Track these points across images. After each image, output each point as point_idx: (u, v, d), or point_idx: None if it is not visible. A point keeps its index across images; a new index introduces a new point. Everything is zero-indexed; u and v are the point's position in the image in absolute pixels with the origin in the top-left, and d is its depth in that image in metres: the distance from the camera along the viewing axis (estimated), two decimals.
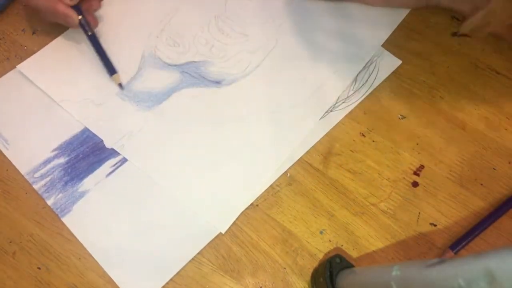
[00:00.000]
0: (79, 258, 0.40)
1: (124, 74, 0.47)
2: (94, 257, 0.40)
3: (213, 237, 0.41)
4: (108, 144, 0.44)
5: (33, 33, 0.50)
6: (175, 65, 0.48)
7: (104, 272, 0.40)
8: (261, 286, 0.40)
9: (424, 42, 0.51)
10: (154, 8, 0.51)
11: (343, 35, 0.50)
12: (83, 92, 0.46)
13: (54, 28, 0.49)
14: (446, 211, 0.42)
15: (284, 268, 0.40)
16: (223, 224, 0.41)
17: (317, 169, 0.44)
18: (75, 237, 0.41)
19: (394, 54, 0.50)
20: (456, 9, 0.50)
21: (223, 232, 0.41)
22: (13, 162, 0.43)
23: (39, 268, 0.40)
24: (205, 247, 0.41)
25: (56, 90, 0.46)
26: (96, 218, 0.41)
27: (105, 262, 0.40)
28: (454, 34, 0.51)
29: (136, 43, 0.49)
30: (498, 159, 0.45)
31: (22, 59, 0.48)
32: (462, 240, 0.41)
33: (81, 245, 0.40)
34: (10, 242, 0.41)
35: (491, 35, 0.50)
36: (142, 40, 0.49)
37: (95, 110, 0.45)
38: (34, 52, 0.48)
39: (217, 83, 0.47)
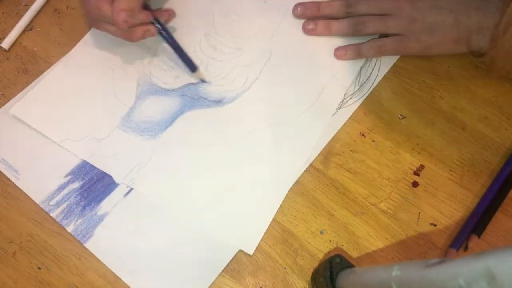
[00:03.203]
0: (79, 258, 0.40)
1: (121, 106, 0.46)
2: (124, 280, 0.39)
3: (235, 253, 0.40)
4: (118, 179, 0.43)
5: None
6: (173, 90, 0.47)
7: (104, 272, 0.40)
8: (261, 286, 0.40)
9: None
10: None
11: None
12: (83, 129, 0.45)
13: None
14: (446, 211, 0.42)
15: (284, 268, 0.40)
16: (251, 246, 0.40)
17: (317, 169, 0.44)
18: (75, 238, 0.41)
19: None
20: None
21: (251, 254, 0.40)
22: (26, 192, 0.42)
23: (39, 268, 0.40)
24: None
25: (54, 130, 0.45)
26: (119, 240, 0.41)
27: (136, 285, 0.39)
28: None
29: (129, 71, 0.48)
30: (498, 159, 0.45)
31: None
32: (461, 236, 0.41)
33: (81, 245, 0.40)
34: (10, 242, 0.41)
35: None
36: (135, 68, 0.48)
37: (99, 146, 0.44)
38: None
39: (219, 102, 0.47)
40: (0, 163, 0.43)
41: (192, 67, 0.46)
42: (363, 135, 0.46)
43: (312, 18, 0.50)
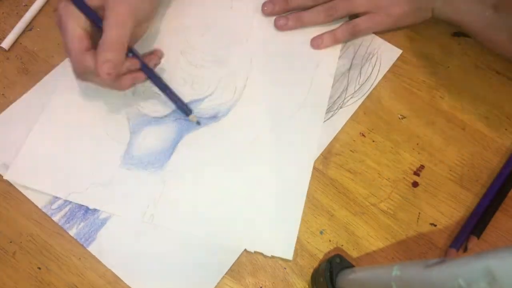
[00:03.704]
0: (79, 258, 0.40)
1: (117, 144, 0.44)
2: (127, 283, 0.39)
3: (238, 256, 0.40)
4: (136, 219, 0.41)
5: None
6: (166, 116, 0.46)
7: (104, 272, 0.40)
8: (261, 286, 0.40)
9: (424, 42, 0.51)
10: None
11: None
12: (85, 178, 0.43)
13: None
14: (446, 211, 0.42)
15: (284, 268, 0.40)
16: (288, 252, 0.40)
17: (317, 169, 0.44)
18: (78, 241, 0.41)
19: None
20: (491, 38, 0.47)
21: (291, 259, 0.40)
22: (28, 196, 0.42)
23: (39, 268, 0.40)
24: None
25: (57, 187, 0.42)
26: (122, 243, 0.40)
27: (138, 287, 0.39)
28: (454, 34, 0.51)
29: (115, 107, 0.46)
30: (498, 159, 0.45)
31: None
32: (461, 236, 0.41)
33: (81, 245, 0.40)
34: (10, 242, 0.41)
35: None
36: (121, 102, 0.46)
37: (106, 191, 0.42)
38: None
39: (214, 117, 0.46)
40: (1, 167, 0.43)
41: (186, 111, 0.44)
42: (363, 135, 0.46)
43: (282, 13, 0.51)
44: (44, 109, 0.46)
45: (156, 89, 0.45)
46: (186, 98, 0.45)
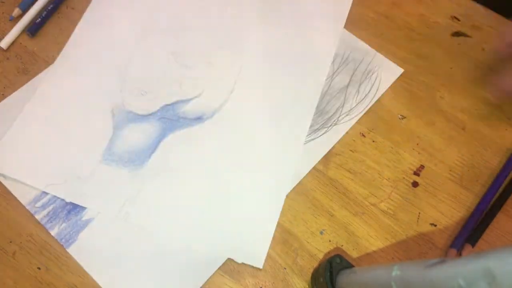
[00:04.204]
0: None
1: (100, 140, 0.44)
2: (102, 287, 0.39)
3: (221, 263, 0.40)
4: (111, 216, 0.41)
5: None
6: (150, 114, 0.45)
7: None
8: (261, 286, 0.40)
9: (424, 42, 0.51)
10: (107, 63, 0.48)
11: (299, 28, 0.51)
12: (64, 170, 0.42)
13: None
14: (446, 211, 0.42)
15: (284, 268, 0.40)
16: (259, 259, 0.40)
17: (317, 169, 0.44)
18: (58, 242, 0.41)
19: (394, 54, 0.50)
20: None
21: (261, 267, 0.40)
22: (13, 193, 0.42)
23: (39, 268, 0.40)
24: None
25: (35, 177, 0.42)
26: (102, 246, 0.40)
27: None
28: (454, 34, 0.51)
29: (101, 102, 0.46)
30: (498, 159, 0.45)
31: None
32: (461, 236, 0.41)
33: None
34: (10, 242, 0.41)
35: None
36: (107, 98, 0.46)
37: (85, 185, 0.42)
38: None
39: (199, 119, 0.45)
40: None
41: None
42: (363, 135, 0.46)
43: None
44: (28, 101, 0.46)
45: (143, 88, 0.46)
46: (172, 98, 0.46)
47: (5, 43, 0.49)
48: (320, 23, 0.51)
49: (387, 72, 0.49)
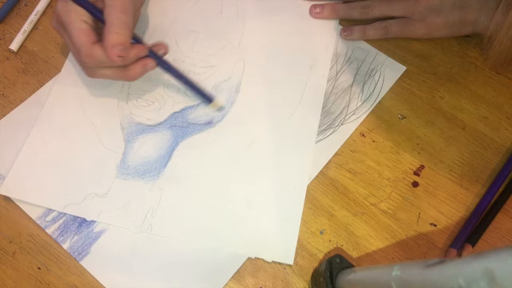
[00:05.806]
0: None
1: (112, 154, 0.44)
2: None
3: (239, 267, 0.40)
4: (135, 230, 0.41)
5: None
6: (160, 123, 0.45)
7: None
8: (261, 286, 0.40)
9: (424, 42, 0.51)
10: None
11: (299, 27, 0.51)
12: (82, 189, 0.42)
13: None
14: (446, 211, 0.42)
15: (284, 268, 0.40)
16: (289, 257, 0.40)
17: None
18: (71, 255, 0.41)
19: (394, 54, 0.50)
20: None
21: (291, 264, 0.40)
22: (22, 207, 0.42)
23: (39, 268, 0.40)
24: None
25: (53, 199, 0.42)
26: (116, 258, 0.40)
27: None
28: None
29: (109, 117, 0.45)
30: (498, 159, 0.45)
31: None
32: (461, 236, 0.41)
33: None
34: (10, 242, 0.41)
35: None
36: (114, 112, 0.46)
37: (103, 202, 0.42)
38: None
39: (209, 123, 0.45)
40: None
41: (208, 98, 0.45)
42: (363, 135, 0.46)
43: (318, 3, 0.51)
44: (36, 121, 0.45)
45: (148, 97, 0.45)
46: (180, 105, 0.46)
47: (14, 45, 0.49)
48: (320, 21, 0.51)
49: (390, 70, 0.49)
